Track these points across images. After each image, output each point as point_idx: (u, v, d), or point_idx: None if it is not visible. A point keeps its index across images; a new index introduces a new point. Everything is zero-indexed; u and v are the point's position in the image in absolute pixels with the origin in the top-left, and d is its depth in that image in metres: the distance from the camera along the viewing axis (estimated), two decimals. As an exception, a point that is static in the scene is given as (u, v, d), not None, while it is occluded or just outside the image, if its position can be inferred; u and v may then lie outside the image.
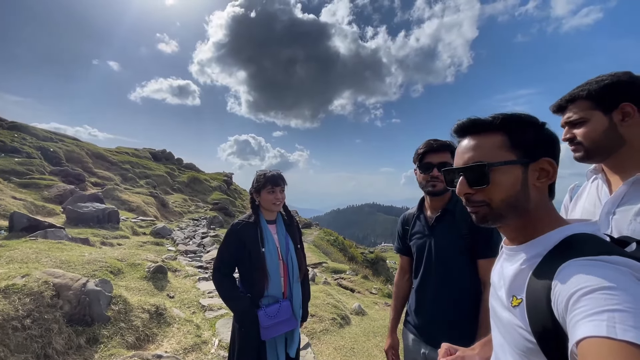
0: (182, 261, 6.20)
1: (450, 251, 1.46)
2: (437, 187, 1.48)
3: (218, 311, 3.78)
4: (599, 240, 0.63)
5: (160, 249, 7.22)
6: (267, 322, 1.71)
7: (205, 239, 8.94)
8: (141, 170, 19.72)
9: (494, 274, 0.84)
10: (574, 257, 0.59)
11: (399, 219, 1.77)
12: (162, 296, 3.95)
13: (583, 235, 0.65)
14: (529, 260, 0.69)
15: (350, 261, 15.30)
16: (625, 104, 0.94)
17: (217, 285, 1.82)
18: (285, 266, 1.84)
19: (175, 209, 15.46)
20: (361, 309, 5.26)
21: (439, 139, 1.51)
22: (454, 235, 1.45)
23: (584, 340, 0.48)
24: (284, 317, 1.77)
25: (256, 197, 1.87)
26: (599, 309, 0.48)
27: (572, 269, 0.57)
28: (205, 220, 13.85)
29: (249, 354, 1.76)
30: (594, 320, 0.48)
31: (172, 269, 5.12)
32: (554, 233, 0.68)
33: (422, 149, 1.51)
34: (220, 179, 26.30)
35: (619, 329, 0.45)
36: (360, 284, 8.55)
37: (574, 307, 0.52)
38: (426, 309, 1.51)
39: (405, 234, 1.69)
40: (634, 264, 0.54)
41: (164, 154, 26.92)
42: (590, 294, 0.51)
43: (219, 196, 22.20)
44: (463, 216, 1.45)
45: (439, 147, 1.48)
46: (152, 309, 3.16)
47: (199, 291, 4.40)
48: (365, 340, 4.05)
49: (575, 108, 1.00)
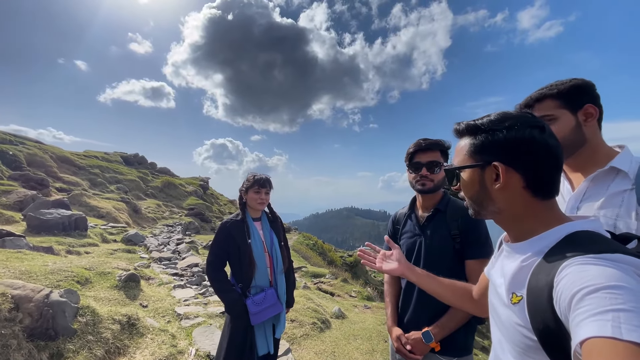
0: (156, 269, 5.95)
1: (439, 251, 1.46)
2: (427, 186, 1.49)
3: (195, 319, 3.63)
4: (601, 237, 0.63)
5: (132, 256, 6.89)
6: (255, 309, 1.90)
7: (181, 245, 8.63)
8: (112, 175, 18.82)
9: (494, 271, 0.84)
10: (576, 254, 0.59)
11: (389, 218, 1.77)
12: (135, 305, 3.75)
13: (585, 232, 0.65)
14: (530, 257, 0.69)
15: (330, 265, 15.28)
16: (589, 105, 1.01)
17: (211, 278, 1.99)
18: (270, 258, 2.05)
19: (148, 215, 14.83)
20: (341, 313, 5.26)
21: (429, 138, 1.53)
22: (444, 234, 1.46)
23: (589, 340, 0.47)
24: (270, 303, 1.96)
25: (244, 195, 2.07)
26: (604, 309, 0.48)
27: (574, 267, 0.57)
28: (181, 227, 13.40)
29: (239, 339, 1.93)
30: (598, 320, 0.47)
31: (145, 277, 4.89)
32: (556, 230, 0.68)
33: (412, 149, 1.53)
34: (196, 184, 25.59)
35: (624, 329, 0.45)
36: (339, 287, 8.54)
37: (577, 306, 0.52)
38: (411, 308, 1.53)
39: (396, 233, 1.68)
40: (636, 261, 0.54)
41: (136, 158, 25.87)
42: (594, 293, 0.50)
43: (195, 201, 21.58)
44: (454, 216, 1.46)
45: (427, 146, 1.50)
46: (124, 319, 2.99)
47: (175, 299, 4.22)
48: (346, 344, 4.04)
49: (544, 106, 1.06)
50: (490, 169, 0.73)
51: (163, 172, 26.83)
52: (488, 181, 0.74)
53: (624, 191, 0.94)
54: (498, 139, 0.72)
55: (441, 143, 1.51)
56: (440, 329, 1.38)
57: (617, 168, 0.97)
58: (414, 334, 1.45)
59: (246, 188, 2.05)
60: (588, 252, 0.58)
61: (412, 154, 1.52)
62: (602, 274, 0.52)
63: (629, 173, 0.95)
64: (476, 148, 0.75)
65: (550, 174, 0.70)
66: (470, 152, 0.76)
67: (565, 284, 0.56)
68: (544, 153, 0.69)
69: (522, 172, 0.70)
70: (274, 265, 2.05)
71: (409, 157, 1.54)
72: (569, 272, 0.57)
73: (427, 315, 1.46)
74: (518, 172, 0.70)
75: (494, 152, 0.72)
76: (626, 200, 0.93)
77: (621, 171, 0.97)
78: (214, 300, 4.34)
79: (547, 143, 0.69)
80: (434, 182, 1.49)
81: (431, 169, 1.48)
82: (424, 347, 1.40)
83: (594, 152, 1.04)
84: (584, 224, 0.67)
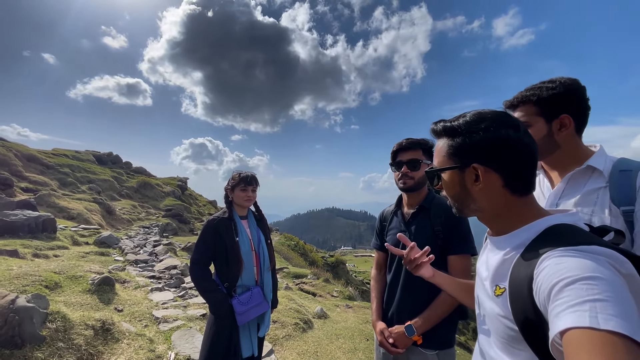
0: (132, 272, 5.72)
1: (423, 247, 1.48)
2: (407, 184, 1.52)
3: (174, 322, 3.52)
4: (578, 230, 0.65)
5: (106, 259, 6.59)
6: (241, 309, 1.86)
7: (158, 247, 8.36)
8: (83, 174, 17.95)
9: (480, 264, 0.85)
10: (554, 247, 0.61)
11: (377, 215, 1.81)
12: (109, 310, 3.59)
13: (564, 225, 0.67)
14: (512, 250, 0.71)
15: (311, 265, 15.25)
16: (565, 116, 1.05)
17: (195, 277, 1.93)
18: (257, 256, 2.03)
19: (123, 216, 14.27)
20: (323, 312, 5.26)
21: (412, 138, 1.56)
22: (428, 231, 1.49)
23: (568, 331, 0.48)
24: (256, 302, 1.93)
25: (230, 194, 2.06)
26: (581, 299, 0.49)
27: (553, 259, 0.59)
28: (158, 228, 12.98)
29: (223, 341, 1.87)
30: (576, 311, 0.49)
31: (120, 281, 4.69)
32: (536, 223, 0.70)
33: (394, 148, 1.57)
34: (174, 184, 24.86)
35: (601, 319, 0.46)
36: (321, 287, 8.55)
37: (556, 298, 0.53)
38: (395, 302, 1.56)
39: (383, 230, 1.72)
40: (610, 253, 0.56)
41: (110, 157, 24.82)
42: (571, 285, 0.52)
43: (173, 202, 20.96)
44: (438, 213, 1.50)
45: (408, 145, 1.54)
46: (98, 324, 2.85)
47: (152, 303, 4.07)
48: (329, 343, 4.05)
49: (524, 110, 1.09)
50: (470, 170, 0.74)
51: (139, 171, 25.89)
52: (468, 182, 0.75)
53: (599, 189, 0.99)
54: (475, 140, 0.73)
55: (423, 142, 1.55)
56: (422, 323, 1.42)
57: (592, 167, 1.02)
58: (397, 327, 1.48)
59: (232, 186, 2.04)
60: (566, 245, 0.60)
61: (395, 152, 1.57)
62: (578, 266, 0.54)
63: (603, 171, 1.00)
64: (454, 150, 0.76)
65: (527, 171, 0.72)
66: (449, 153, 0.77)
67: (544, 276, 0.57)
68: (520, 152, 0.71)
69: (500, 172, 0.72)
70: (261, 263, 2.03)
71: (392, 156, 1.58)
72: (548, 265, 0.58)
73: (409, 309, 1.49)
74: (497, 172, 0.72)
75: (472, 153, 0.73)
76: (600, 198, 0.98)
77: (596, 169, 1.02)
78: (194, 303, 4.23)
79: (522, 141, 0.71)
80: (414, 180, 1.52)
81: (412, 167, 1.52)
82: (406, 341, 1.43)
83: (569, 155, 1.08)
84: (562, 218, 0.69)
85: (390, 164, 1.59)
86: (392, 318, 1.57)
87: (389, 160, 1.62)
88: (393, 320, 1.56)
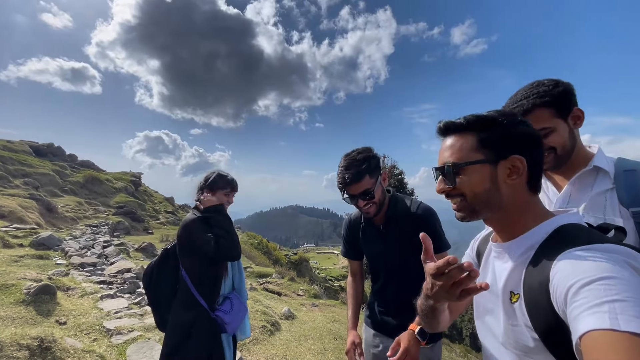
0: (78, 277, 5.14)
1: (405, 254, 1.51)
2: (371, 213, 1.49)
3: (129, 334, 3.17)
4: (586, 229, 0.64)
5: (45, 263, 5.89)
6: (228, 318, 1.76)
7: (108, 248, 7.65)
8: (17, 167, 15.96)
9: (483, 275, 0.81)
10: (567, 248, 0.59)
11: (343, 223, 1.79)
12: (49, 324, 3.15)
13: (571, 225, 0.66)
14: (522, 255, 0.68)
15: (275, 264, 15.05)
16: (577, 109, 1.00)
17: None
18: None
19: (66, 215, 12.92)
20: (290, 313, 5.16)
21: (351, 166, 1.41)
22: (404, 238, 1.50)
23: (588, 333, 0.46)
24: (238, 308, 1.85)
25: (207, 192, 1.82)
26: (599, 300, 0.48)
27: (567, 260, 0.56)
28: (107, 227, 11.96)
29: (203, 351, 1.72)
30: (595, 313, 0.47)
31: (63, 288, 4.17)
32: (543, 225, 0.68)
33: (339, 184, 1.46)
34: (126, 180, 23.08)
35: (621, 320, 0.44)
36: (287, 286, 8.43)
37: (573, 300, 0.51)
38: (389, 308, 1.59)
39: (355, 239, 1.70)
40: (626, 250, 0.55)
41: (50, 149, 22.36)
42: (588, 285, 0.50)
43: (125, 199, 19.46)
44: (406, 219, 1.51)
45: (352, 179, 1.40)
46: (34, 343, 2.47)
47: (102, 312, 3.65)
48: (297, 345, 3.96)
49: (539, 117, 1.00)
50: (504, 164, 0.69)
51: (85, 165, 23.66)
52: (501, 176, 0.70)
53: (606, 191, 0.96)
54: (516, 132, 0.70)
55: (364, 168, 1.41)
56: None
57: (599, 167, 0.99)
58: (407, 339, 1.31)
59: (212, 187, 1.86)
60: (579, 244, 0.58)
61: (342, 189, 1.46)
62: (594, 266, 0.52)
63: (609, 172, 0.97)
64: (487, 142, 0.70)
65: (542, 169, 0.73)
66: (478, 147, 0.71)
67: (560, 278, 0.55)
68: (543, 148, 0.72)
69: (530, 166, 0.69)
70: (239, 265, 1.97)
71: (341, 191, 1.48)
72: (563, 266, 0.56)
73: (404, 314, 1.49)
74: (528, 165, 0.69)
75: (511, 145, 0.69)
76: (609, 200, 0.95)
77: (602, 170, 0.98)
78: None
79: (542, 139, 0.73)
80: (376, 204, 1.47)
81: (368, 197, 1.44)
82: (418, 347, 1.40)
83: (577, 153, 1.04)
84: (567, 217, 0.68)
85: (343, 198, 1.50)
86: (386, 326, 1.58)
87: None
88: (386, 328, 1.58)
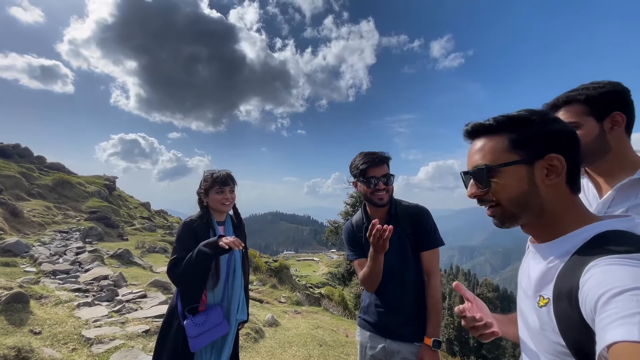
0: (50, 285, 4.90)
1: (404, 252, 1.57)
2: (384, 199, 1.53)
3: (110, 343, 3.06)
4: (632, 237, 0.60)
5: (12, 270, 5.57)
6: (194, 331, 1.60)
7: (82, 255, 7.30)
8: (-21, 168, 14.97)
9: (521, 274, 0.79)
10: (603, 255, 0.56)
11: (344, 230, 1.78)
12: (24, 333, 3.00)
13: (615, 232, 0.62)
14: (557, 258, 0.66)
15: (256, 271, 14.78)
16: (617, 113, 0.98)
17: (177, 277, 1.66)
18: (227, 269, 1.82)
19: (33, 220, 12.20)
20: (274, 320, 5.14)
21: (376, 152, 1.57)
22: (402, 236, 1.57)
23: (616, 344, 0.45)
24: (214, 324, 1.67)
25: (204, 198, 1.84)
26: (630, 312, 0.45)
27: (600, 267, 0.54)
28: (79, 233, 11.39)
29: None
30: (625, 324, 0.45)
31: (35, 296, 3.97)
32: (584, 230, 0.65)
33: (364, 165, 1.52)
34: (99, 184, 22.09)
35: None
36: (268, 293, 8.36)
37: (603, 309, 0.49)
38: (389, 308, 1.59)
39: (359, 242, 1.69)
40: None
41: (16, 150, 21.07)
42: (620, 295, 0.48)
43: (98, 203, 18.59)
44: (404, 218, 1.58)
45: (380, 160, 1.54)
46: (11, 353, 2.37)
47: (80, 321, 3.50)
48: (282, 352, 3.96)
49: (570, 111, 1.01)
50: (541, 164, 0.66)
51: (55, 167, 22.42)
52: (539, 177, 0.67)
53: None
54: (550, 129, 0.67)
55: (388, 157, 1.59)
56: (435, 330, 1.50)
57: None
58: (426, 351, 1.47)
59: (205, 189, 1.82)
60: (616, 252, 0.55)
61: (365, 169, 1.53)
62: (628, 275, 0.50)
63: None
64: (521, 142, 0.67)
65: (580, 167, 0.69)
66: (511, 147, 0.68)
67: (591, 285, 0.53)
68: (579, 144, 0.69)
69: (570, 164, 0.66)
70: (235, 277, 1.85)
71: (362, 172, 1.53)
72: (595, 273, 0.54)
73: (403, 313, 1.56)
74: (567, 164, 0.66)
75: (546, 143, 0.66)
76: None
77: None
78: (134, 318, 3.76)
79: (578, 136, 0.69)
80: (389, 194, 1.57)
81: (387, 182, 1.54)
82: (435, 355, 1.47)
83: (619, 159, 1.00)
84: (615, 223, 0.64)
85: (360, 180, 1.55)
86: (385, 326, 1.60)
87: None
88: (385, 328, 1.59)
